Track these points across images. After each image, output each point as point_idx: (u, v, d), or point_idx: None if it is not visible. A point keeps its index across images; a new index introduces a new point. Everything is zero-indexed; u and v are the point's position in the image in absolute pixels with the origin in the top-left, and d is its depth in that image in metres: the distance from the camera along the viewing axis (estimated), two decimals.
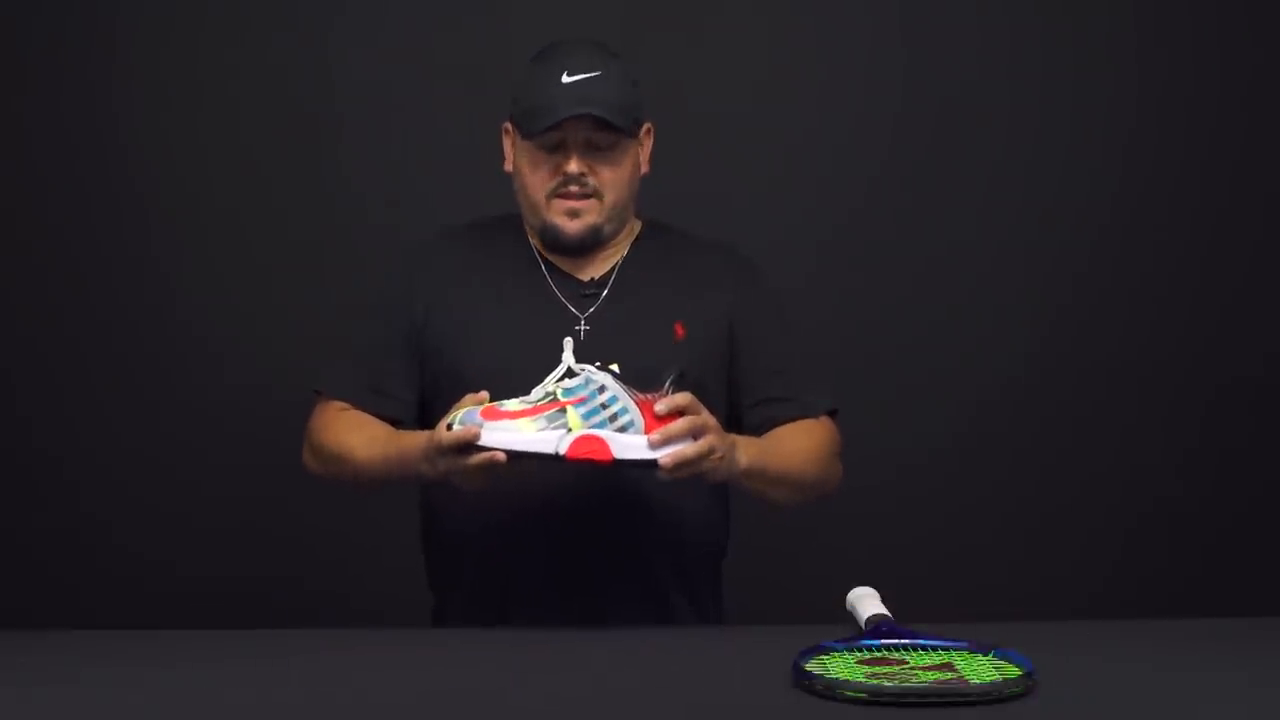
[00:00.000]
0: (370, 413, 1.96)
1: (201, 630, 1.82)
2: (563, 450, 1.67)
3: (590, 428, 1.68)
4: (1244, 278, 2.82)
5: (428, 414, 1.98)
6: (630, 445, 1.68)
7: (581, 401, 1.69)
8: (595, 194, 1.94)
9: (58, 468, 2.75)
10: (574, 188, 1.93)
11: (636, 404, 1.70)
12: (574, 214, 1.94)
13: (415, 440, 1.81)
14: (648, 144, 2.02)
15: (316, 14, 2.76)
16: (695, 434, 1.72)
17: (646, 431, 1.69)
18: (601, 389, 1.69)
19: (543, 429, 1.67)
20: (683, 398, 1.72)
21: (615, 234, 2.00)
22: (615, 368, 1.72)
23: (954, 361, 2.79)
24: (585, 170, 1.92)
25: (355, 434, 1.93)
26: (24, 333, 2.75)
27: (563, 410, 1.68)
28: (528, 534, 1.91)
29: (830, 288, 2.75)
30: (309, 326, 2.53)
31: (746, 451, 1.83)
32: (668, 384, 1.72)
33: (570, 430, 1.67)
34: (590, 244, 1.97)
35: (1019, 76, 2.80)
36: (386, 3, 2.77)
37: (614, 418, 1.68)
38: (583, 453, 1.67)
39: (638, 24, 2.70)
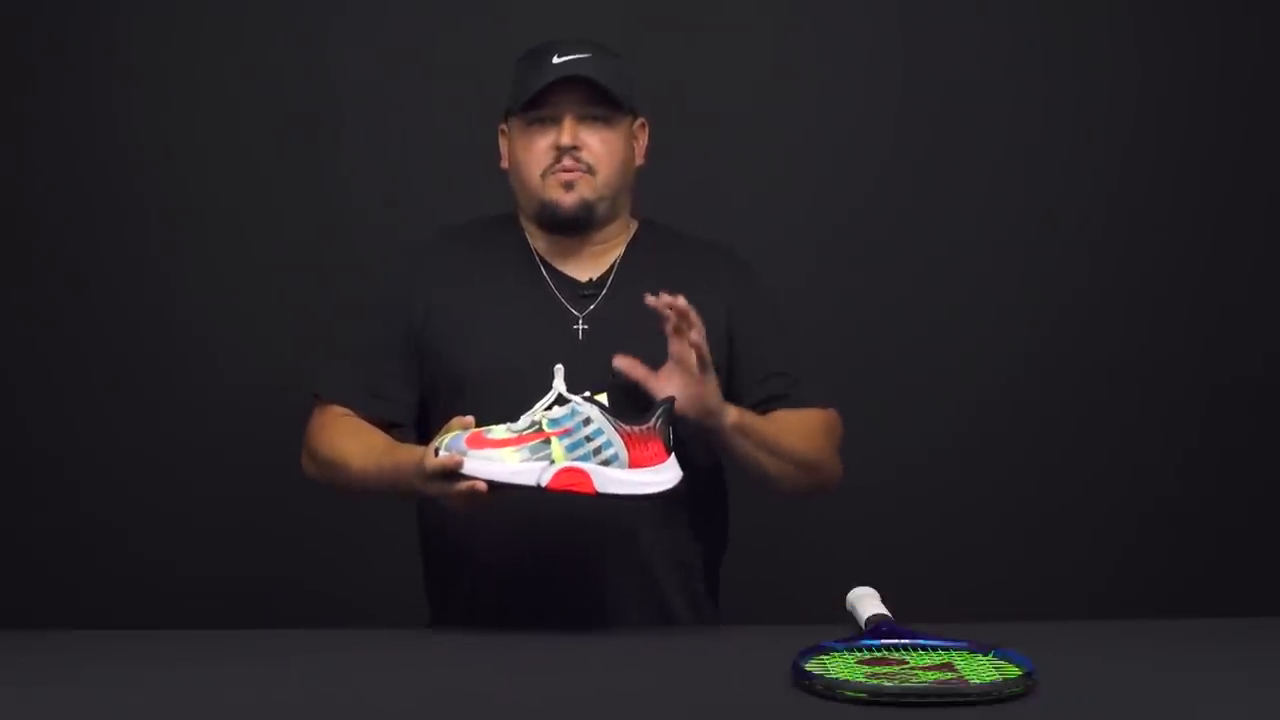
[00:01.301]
0: (369, 416, 1.96)
1: (201, 630, 1.82)
2: (544, 482, 1.67)
3: (574, 460, 1.67)
4: (1244, 278, 2.82)
5: (426, 415, 1.98)
6: (614, 479, 1.68)
7: (566, 433, 1.68)
8: (588, 169, 1.95)
9: (58, 468, 2.75)
10: (567, 160, 1.94)
11: (622, 437, 1.68)
12: (569, 186, 1.95)
13: (410, 456, 1.81)
14: (642, 137, 2.04)
15: (316, 14, 2.76)
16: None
17: (631, 465, 1.68)
18: (587, 421, 1.68)
19: (526, 460, 1.67)
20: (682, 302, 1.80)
21: (609, 216, 2.00)
22: (603, 399, 1.71)
23: (954, 361, 2.79)
24: (578, 143, 1.94)
25: (352, 442, 1.93)
26: (24, 333, 2.75)
27: (547, 441, 1.67)
28: (527, 542, 1.91)
29: (830, 288, 2.74)
30: (309, 326, 2.53)
31: (738, 411, 1.86)
32: (656, 416, 1.71)
33: (554, 462, 1.67)
34: (584, 220, 1.97)
35: (1019, 76, 2.80)
36: (386, 3, 2.77)
37: (598, 450, 1.67)
38: (564, 485, 1.67)
39: (637, 24, 2.70)
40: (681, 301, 1.80)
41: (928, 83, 2.79)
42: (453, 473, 1.68)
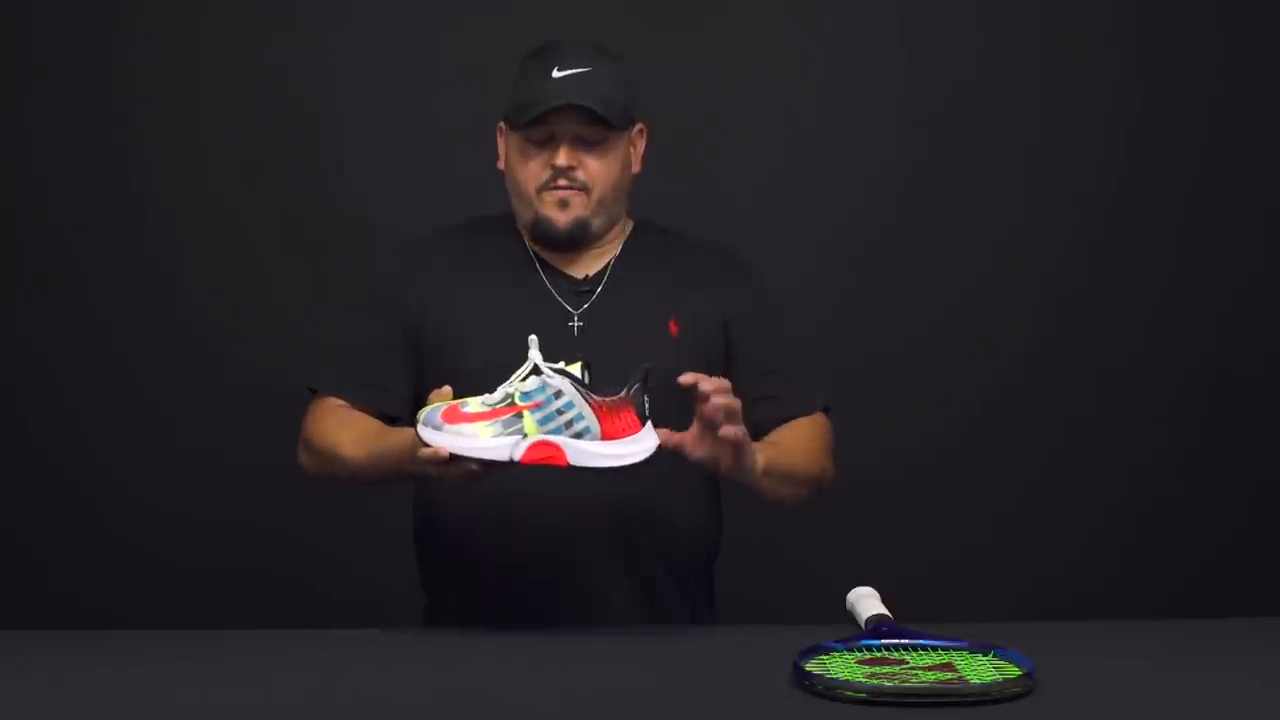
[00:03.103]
0: (365, 409, 1.96)
1: (201, 630, 1.82)
2: (517, 456, 1.67)
3: (545, 433, 1.67)
4: (1244, 278, 2.82)
5: None
6: (586, 452, 1.67)
7: (538, 406, 1.68)
8: (584, 188, 1.95)
9: (58, 468, 2.75)
10: (562, 181, 1.94)
11: (593, 408, 1.68)
12: (563, 204, 1.95)
13: (401, 438, 1.81)
14: (640, 143, 2.03)
15: (316, 14, 2.76)
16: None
17: (603, 437, 1.68)
18: (558, 394, 1.68)
19: (498, 434, 1.67)
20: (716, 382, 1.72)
21: (604, 230, 2.00)
22: (576, 370, 1.71)
23: (954, 361, 2.79)
24: (574, 164, 1.93)
25: (345, 432, 1.93)
26: (24, 333, 2.75)
27: (519, 415, 1.68)
28: (521, 534, 1.91)
29: (830, 288, 2.75)
30: (309, 326, 2.52)
31: (762, 453, 1.82)
32: (628, 386, 1.70)
33: (526, 436, 1.67)
34: (579, 238, 1.98)
35: (1019, 76, 2.80)
36: (386, 2, 2.77)
37: (570, 423, 1.67)
38: (537, 458, 1.67)
39: (638, 24, 2.70)
40: (709, 382, 1.73)
41: (928, 83, 2.79)
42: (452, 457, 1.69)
